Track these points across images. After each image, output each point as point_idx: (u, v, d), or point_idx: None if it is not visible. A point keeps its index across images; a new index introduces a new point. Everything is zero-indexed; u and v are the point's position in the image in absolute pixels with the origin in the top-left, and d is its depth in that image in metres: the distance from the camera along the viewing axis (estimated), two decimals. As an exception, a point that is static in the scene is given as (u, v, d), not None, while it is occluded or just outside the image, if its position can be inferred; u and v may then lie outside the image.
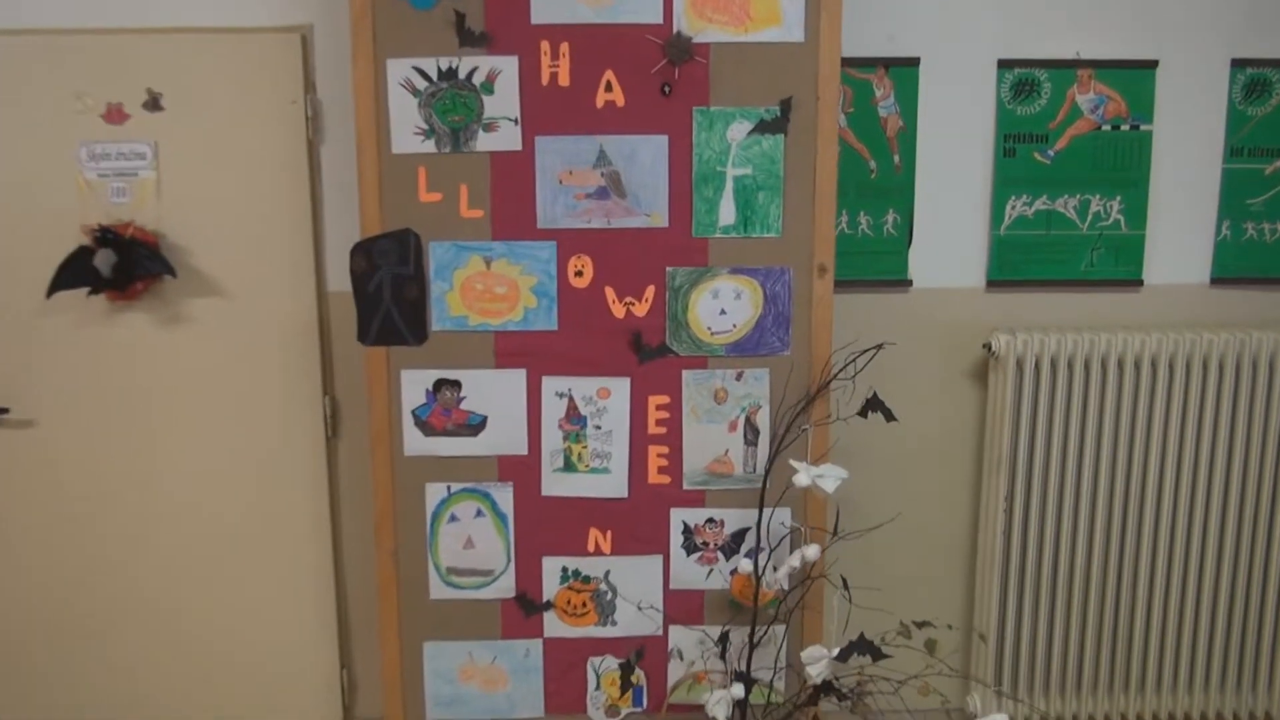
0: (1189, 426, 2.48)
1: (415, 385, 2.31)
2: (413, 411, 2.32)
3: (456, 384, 2.31)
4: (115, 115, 2.43)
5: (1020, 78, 2.50)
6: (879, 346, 2.24)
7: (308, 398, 2.57)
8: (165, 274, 2.43)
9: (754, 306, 2.28)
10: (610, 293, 2.28)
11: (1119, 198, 2.54)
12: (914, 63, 2.47)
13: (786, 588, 2.20)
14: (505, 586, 2.39)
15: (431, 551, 2.37)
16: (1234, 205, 2.57)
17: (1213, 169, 2.56)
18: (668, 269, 2.27)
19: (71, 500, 2.58)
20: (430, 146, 2.22)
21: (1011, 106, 2.51)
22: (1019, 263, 2.56)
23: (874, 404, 2.21)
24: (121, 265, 2.41)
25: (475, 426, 2.33)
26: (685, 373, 2.31)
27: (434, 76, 2.20)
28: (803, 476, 2.09)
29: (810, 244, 2.27)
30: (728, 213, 2.25)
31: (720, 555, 2.38)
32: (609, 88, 2.21)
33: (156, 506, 2.59)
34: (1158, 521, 2.52)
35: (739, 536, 2.37)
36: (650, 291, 2.28)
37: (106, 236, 2.39)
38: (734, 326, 2.29)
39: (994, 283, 2.58)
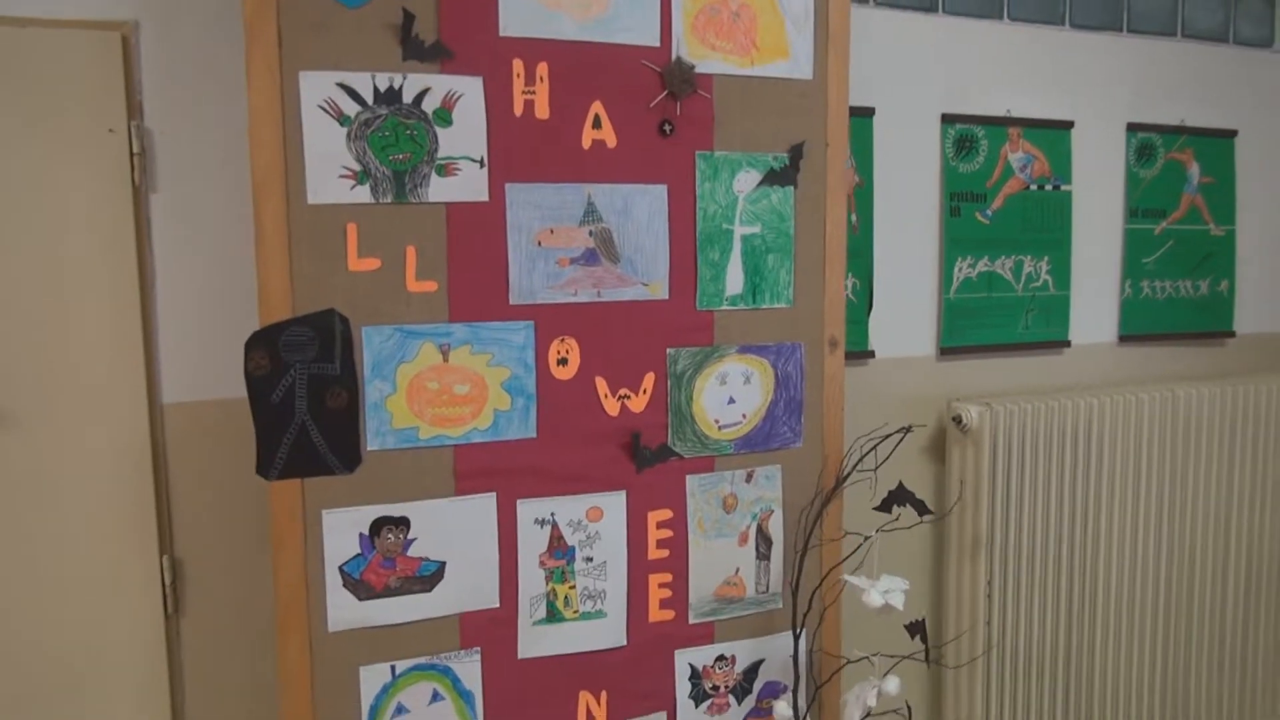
0: (1165, 486, 2.45)
1: (344, 531, 1.63)
2: (340, 568, 1.63)
3: (403, 522, 1.66)
4: None
5: (961, 133, 2.36)
6: (906, 429, 1.94)
7: (136, 561, 1.75)
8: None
9: (764, 392, 1.89)
10: (602, 384, 1.77)
11: (1046, 258, 2.48)
12: (869, 113, 2.24)
13: (857, 732, 1.80)
14: (472, 792, 1.75)
15: (370, 763, 1.68)
16: (1134, 264, 2.61)
17: (1118, 229, 2.59)
18: (669, 350, 1.81)
19: None
20: (364, 195, 1.59)
21: (955, 163, 2.36)
22: (966, 328, 2.40)
23: (901, 496, 1.90)
24: None
25: (429, 578, 1.69)
26: (690, 479, 1.85)
27: (369, 99, 1.59)
28: (874, 596, 1.72)
29: (821, 314, 1.92)
30: (735, 280, 1.85)
31: (732, 699, 1.92)
32: (597, 123, 1.73)
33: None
34: (1149, 586, 2.45)
35: (751, 673, 1.93)
36: (649, 380, 1.80)
37: None
38: (744, 417, 1.88)
39: (946, 350, 2.39)
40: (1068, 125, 2.48)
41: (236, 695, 1.85)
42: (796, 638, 1.85)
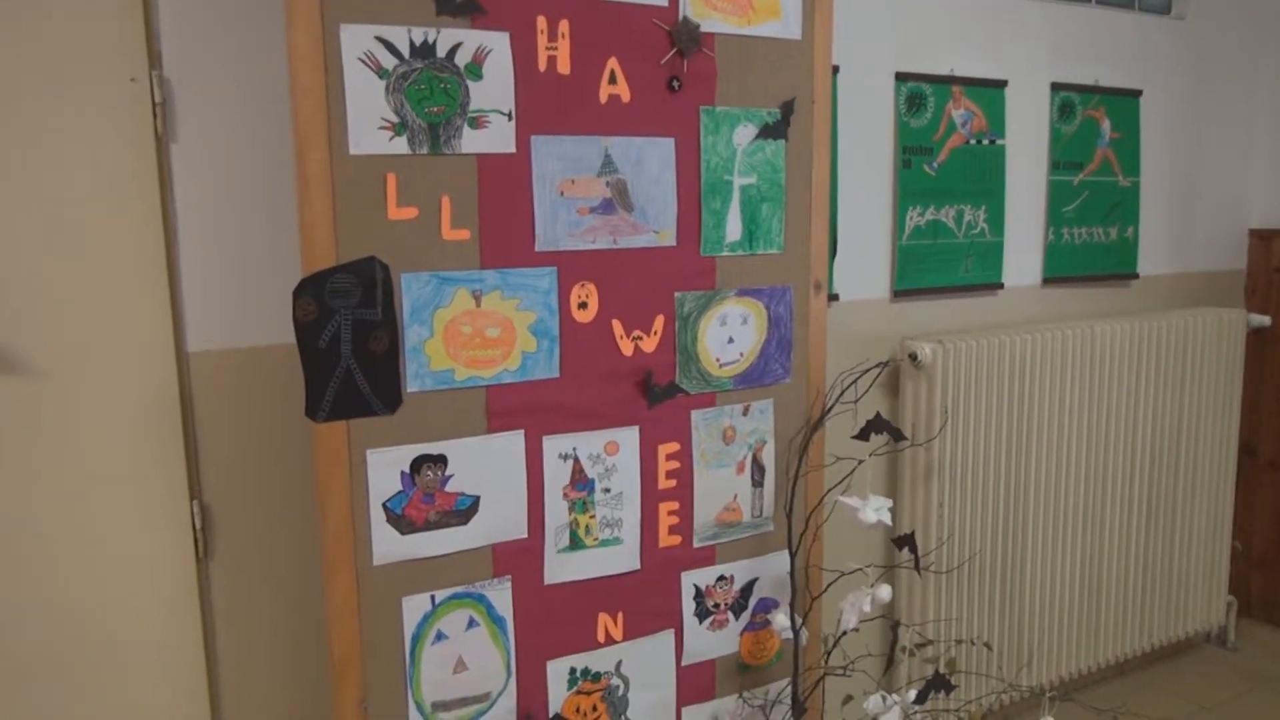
0: (1087, 408, 2.73)
1: (386, 469, 1.70)
2: (384, 504, 1.71)
3: (441, 459, 1.75)
4: None
5: (912, 91, 2.54)
6: (883, 365, 2.12)
7: (168, 508, 1.78)
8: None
9: (759, 332, 2.04)
10: (618, 326, 1.89)
11: (984, 207, 2.71)
12: (834, 71, 2.39)
13: (852, 629, 1.99)
14: (505, 710, 1.86)
15: (412, 687, 1.77)
16: (1055, 213, 2.87)
17: (1043, 180, 2.83)
18: (676, 294, 1.94)
19: None
20: (401, 146, 1.65)
21: (906, 119, 2.54)
22: (916, 272, 2.61)
23: (879, 425, 2.09)
24: None
25: (465, 511, 1.78)
26: (694, 413, 1.99)
27: (405, 52, 1.64)
28: (869, 514, 1.91)
29: (808, 259, 2.08)
30: (734, 227, 1.98)
31: (731, 615, 2.09)
32: (613, 79, 1.82)
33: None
34: (1084, 497, 2.73)
35: (747, 591, 2.10)
36: (659, 322, 1.93)
37: None
38: (741, 355, 2.02)
39: (898, 292, 2.60)
40: (1002, 84, 2.70)
41: (267, 634, 1.91)
42: (793, 555, 2.03)
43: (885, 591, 1.94)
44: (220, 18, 1.75)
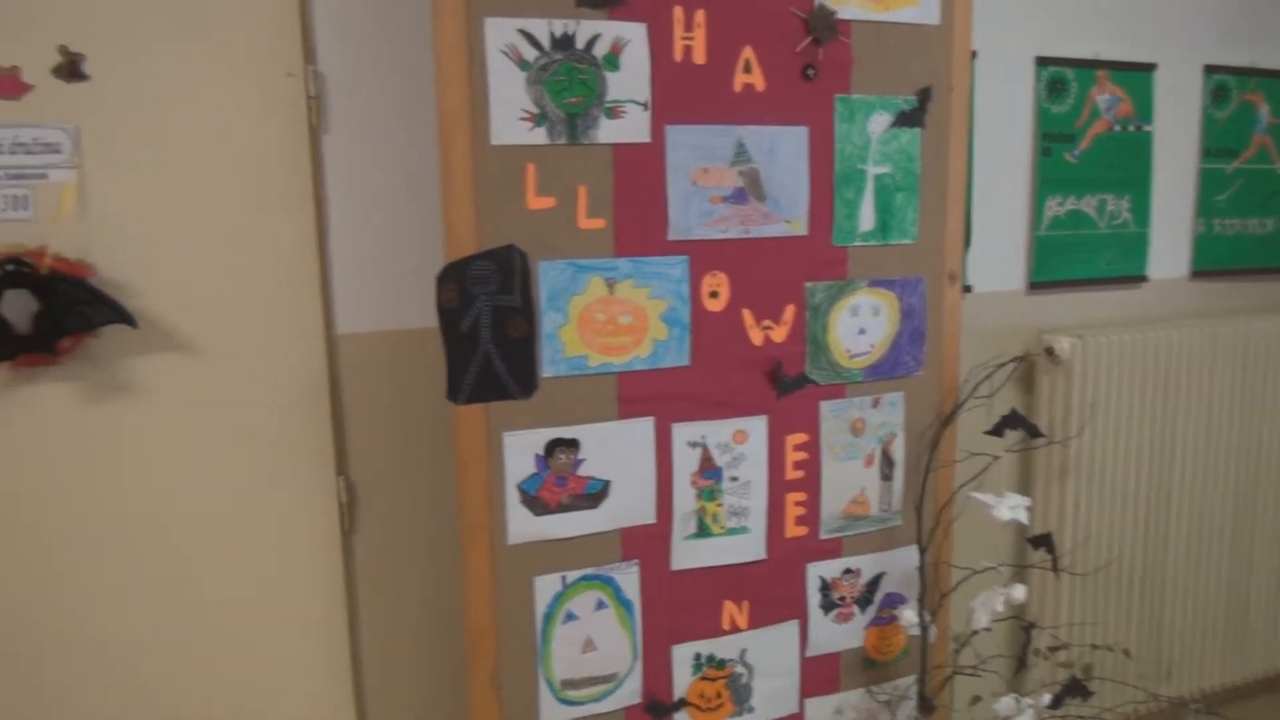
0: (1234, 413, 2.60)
1: (521, 451, 1.75)
2: (518, 486, 1.76)
3: (574, 444, 1.79)
4: (6, 85, 1.60)
5: (1053, 76, 2.46)
6: (1019, 360, 2.07)
7: (314, 483, 1.88)
8: (117, 324, 1.63)
9: (891, 323, 2.01)
10: (748, 316, 1.89)
11: (1128, 197, 2.60)
12: (972, 56, 2.32)
13: (984, 628, 1.95)
14: (631, 691, 1.90)
15: (543, 664, 1.82)
16: (1207, 202, 2.73)
17: (1193, 168, 2.70)
18: (806, 284, 1.93)
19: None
20: (540, 136, 1.69)
21: (1047, 105, 2.46)
22: (1054, 263, 2.53)
23: (1014, 421, 2.03)
24: (43, 314, 1.59)
25: (595, 495, 1.82)
26: (823, 404, 1.98)
27: (546, 45, 1.67)
28: (1003, 511, 1.86)
29: (942, 250, 2.04)
30: (868, 217, 1.96)
31: (856, 609, 2.07)
32: (748, 68, 1.82)
33: (103, 657, 1.75)
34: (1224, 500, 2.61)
35: (873, 585, 2.08)
36: (789, 312, 1.92)
37: (19, 271, 1.56)
38: (872, 347, 2.00)
39: (1035, 284, 2.52)
40: (1150, 67, 2.58)
41: (407, 607, 1.99)
42: (923, 551, 2.00)
43: (1020, 591, 1.89)
44: (370, 14, 1.83)
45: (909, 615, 1.98)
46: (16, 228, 1.61)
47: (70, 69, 1.62)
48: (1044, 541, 1.94)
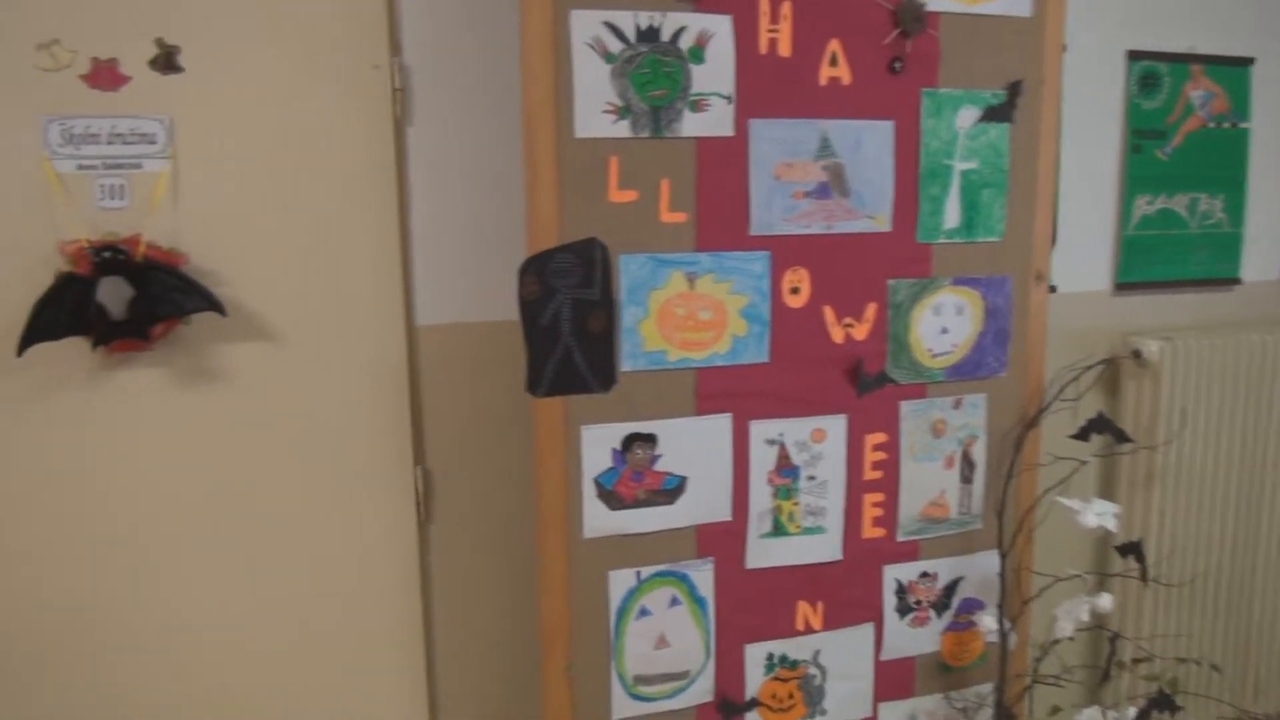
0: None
1: (599, 445, 1.75)
2: (595, 479, 1.76)
3: (651, 439, 1.78)
4: (105, 77, 1.64)
5: (1145, 70, 2.38)
6: (1105, 362, 2.01)
7: (392, 472, 1.90)
8: (207, 311, 1.66)
9: (975, 322, 1.96)
10: (829, 313, 1.86)
11: (1222, 196, 2.51)
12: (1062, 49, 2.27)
13: (1067, 637, 1.90)
14: (703, 689, 1.88)
15: (616, 659, 1.81)
16: (1305, 202, 2.63)
17: (1291, 166, 2.60)
18: (889, 281, 1.89)
19: (57, 641, 1.72)
20: (624, 129, 1.68)
21: (1138, 100, 2.39)
22: (1142, 264, 2.45)
23: (1101, 425, 1.97)
24: (137, 301, 1.62)
25: (672, 491, 1.81)
26: (903, 404, 1.94)
27: (631, 37, 1.67)
28: (1090, 517, 1.81)
29: (1029, 248, 1.99)
30: (953, 214, 1.92)
31: (933, 613, 2.03)
32: (834, 61, 1.79)
33: (183, 641, 1.79)
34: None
35: (951, 589, 2.04)
36: (871, 310, 1.89)
37: (115, 258, 1.59)
38: (954, 346, 1.96)
39: (1121, 285, 2.45)
40: (1248, 62, 2.49)
41: (481, 597, 2.00)
42: (1004, 556, 1.95)
43: (1106, 601, 1.84)
44: (456, 6, 1.84)
45: (988, 621, 1.94)
46: (113, 216, 1.65)
47: (166, 61, 1.66)
48: (1133, 549, 1.88)
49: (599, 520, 1.77)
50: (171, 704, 1.82)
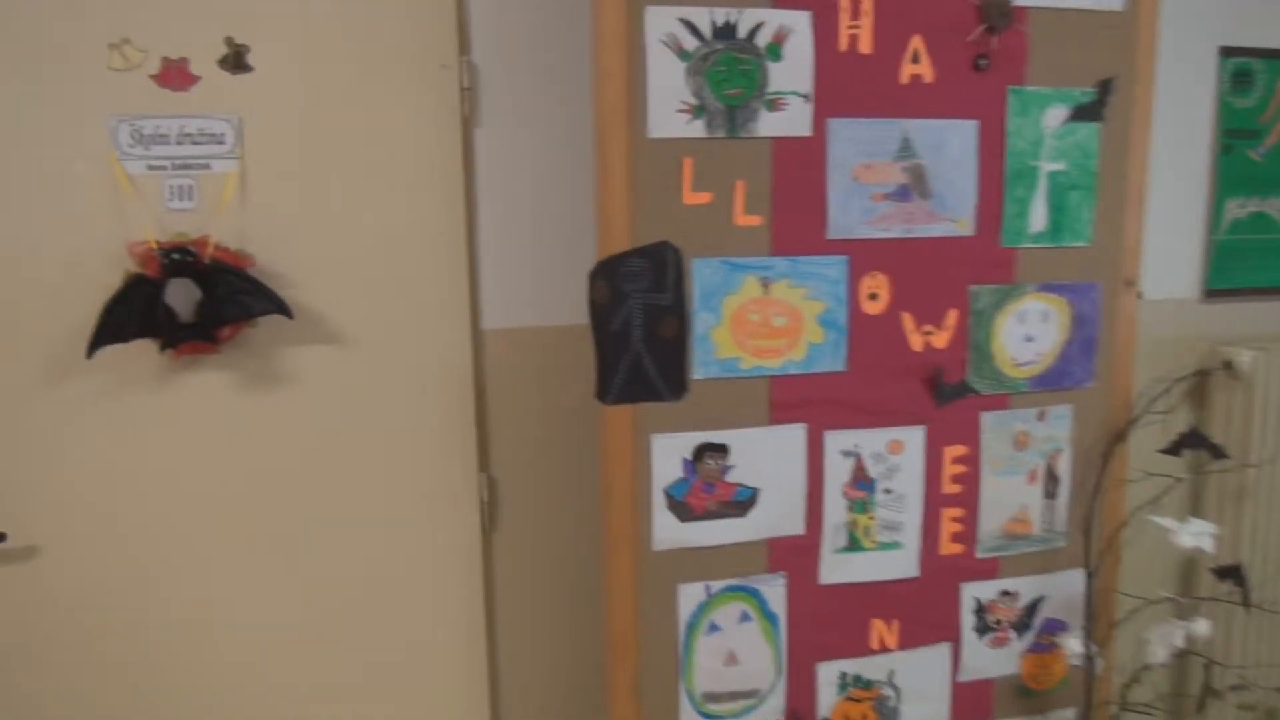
0: None
1: (669, 455, 1.70)
2: (665, 490, 1.70)
3: (722, 449, 1.72)
4: (175, 76, 1.62)
5: (1238, 67, 2.27)
6: (1200, 373, 1.91)
7: (457, 479, 1.86)
8: (274, 314, 1.64)
9: (1061, 331, 1.88)
10: (908, 320, 1.79)
11: (1319, 199, 2.39)
12: (1150, 46, 2.17)
13: (1160, 663, 1.81)
14: (774, 708, 1.82)
15: (685, 676, 1.76)
16: (1406, 206, 2.49)
17: (1392, 169, 2.47)
18: (971, 287, 1.82)
19: (112, 661, 1.71)
20: (698, 129, 1.63)
21: (1230, 99, 2.28)
22: (1234, 270, 2.34)
23: (1195, 440, 1.88)
24: (205, 303, 1.60)
25: (743, 503, 1.75)
26: (984, 415, 1.86)
27: (707, 34, 1.61)
28: (1186, 537, 1.72)
29: (1119, 253, 1.90)
30: (1039, 217, 1.83)
31: (1013, 633, 1.95)
32: (916, 58, 1.72)
33: (244, 643, 1.77)
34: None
35: (1032, 609, 1.95)
36: (952, 317, 1.81)
37: (183, 259, 1.57)
38: (1039, 356, 1.87)
39: (1211, 292, 2.34)
40: (1347, 57, 2.37)
41: (545, 607, 1.96)
42: (1090, 576, 1.86)
43: (1204, 626, 1.74)
44: (526, 4, 1.80)
45: (1073, 644, 1.85)
46: (181, 217, 1.64)
47: (235, 60, 1.64)
48: (1232, 572, 1.78)
49: (669, 532, 1.71)
50: (231, 705, 1.80)
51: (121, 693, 1.74)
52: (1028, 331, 1.86)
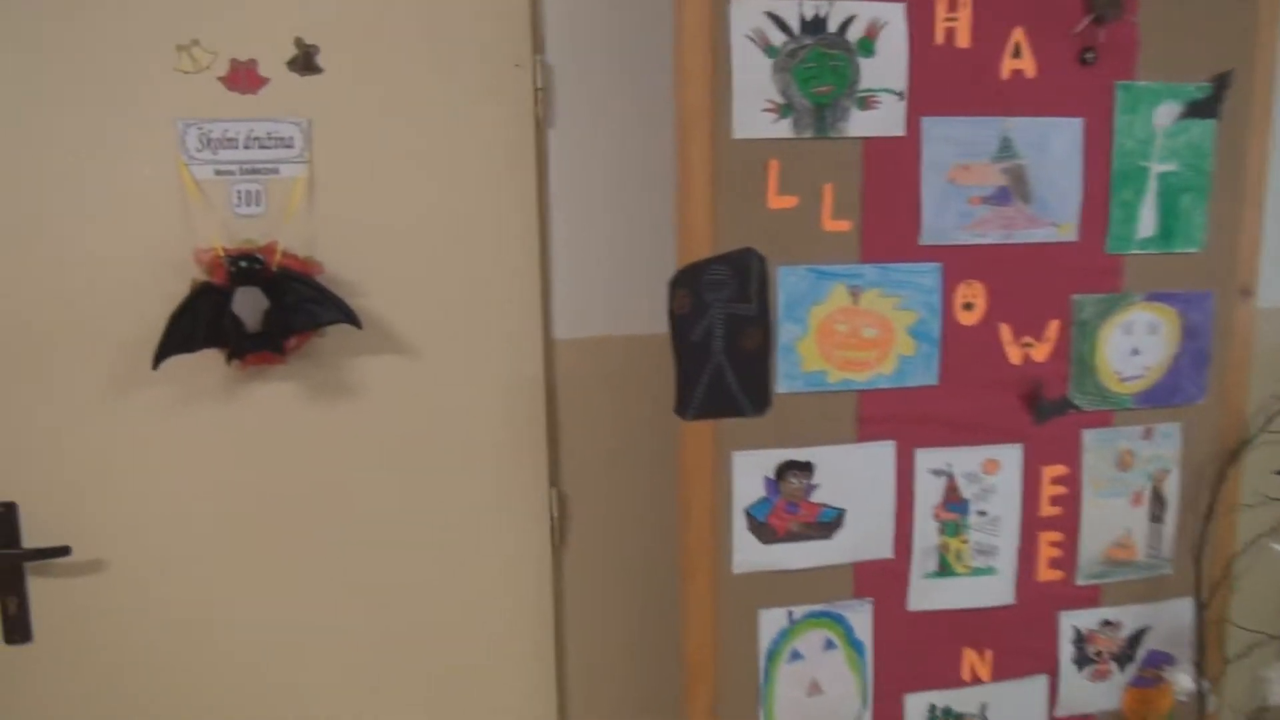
0: None
1: (751, 473, 1.61)
2: (746, 510, 1.62)
3: (807, 467, 1.63)
4: (244, 78, 1.57)
5: (1360, 60, 2.11)
6: (1329, 389, 1.77)
7: (526, 493, 1.79)
8: (342, 324, 1.59)
9: (1170, 343, 1.75)
10: (1006, 331, 1.68)
11: None
12: (1264, 37, 2.03)
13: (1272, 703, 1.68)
14: (858, 741, 1.73)
15: (764, 705, 1.67)
16: None
17: None
18: (1074, 297, 1.70)
19: (179, 676, 1.68)
20: (785, 129, 1.54)
21: (1351, 93, 2.12)
22: (1353, 277, 2.18)
23: (1315, 461, 1.74)
24: (272, 312, 1.55)
25: (828, 524, 1.65)
26: (1086, 433, 1.74)
27: (795, 28, 1.52)
28: (1311, 568, 1.58)
29: (1234, 260, 1.77)
30: (1148, 221, 1.71)
31: (1114, 665, 1.82)
32: (1017, 52, 1.61)
33: (309, 658, 1.73)
34: None
35: (1135, 640, 1.82)
36: (1053, 328, 1.70)
37: (252, 267, 1.53)
38: (1146, 370, 1.75)
39: (1331, 300, 2.18)
40: None
41: (616, 629, 1.88)
42: (1202, 607, 1.74)
43: (1330, 663, 1.61)
44: (602, 4, 1.72)
45: (1183, 680, 1.73)
46: (248, 223, 1.59)
47: (305, 61, 1.59)
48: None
49: (750, 554, 1.62)
50: (301, 718, 1.76)
51: (189, 709, 1.70)
52: (1134, 344, 1.74)
